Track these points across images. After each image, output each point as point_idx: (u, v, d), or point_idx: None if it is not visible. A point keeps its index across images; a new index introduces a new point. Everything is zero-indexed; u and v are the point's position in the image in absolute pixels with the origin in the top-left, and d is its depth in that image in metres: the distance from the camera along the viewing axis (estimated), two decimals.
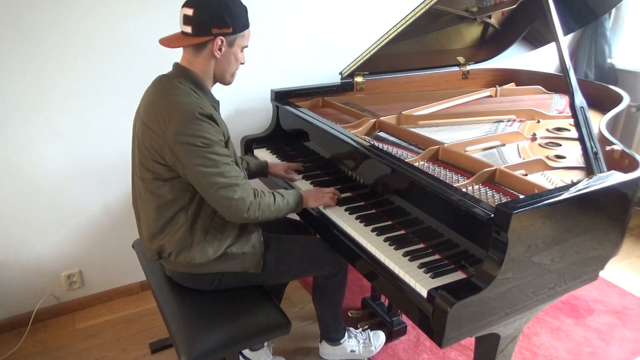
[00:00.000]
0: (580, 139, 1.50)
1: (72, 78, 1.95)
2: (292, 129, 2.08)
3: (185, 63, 1.41)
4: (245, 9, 1.40)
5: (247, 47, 1.45)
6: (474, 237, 1.25)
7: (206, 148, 1.30)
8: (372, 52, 2.00)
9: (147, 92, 1.45)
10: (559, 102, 2.20)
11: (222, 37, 1.35)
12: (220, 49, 1.37)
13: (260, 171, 1.86)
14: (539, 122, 1.93)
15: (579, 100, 1.56)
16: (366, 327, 2.03)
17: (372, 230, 1.47)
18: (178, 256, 1.45)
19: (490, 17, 2.19)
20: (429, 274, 1.24)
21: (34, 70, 1.88)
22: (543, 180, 1.44)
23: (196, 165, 1.30)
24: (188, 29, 1.35)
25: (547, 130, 1.85)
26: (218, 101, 1.48)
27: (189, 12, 1.33)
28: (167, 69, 1.45)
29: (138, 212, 1.53)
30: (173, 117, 1.29)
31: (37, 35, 1.84)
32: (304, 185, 1.80)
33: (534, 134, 1.78)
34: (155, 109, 1.34)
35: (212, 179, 1.31)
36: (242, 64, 1.47)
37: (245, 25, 1.40)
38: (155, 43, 1.43)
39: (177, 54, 1.44)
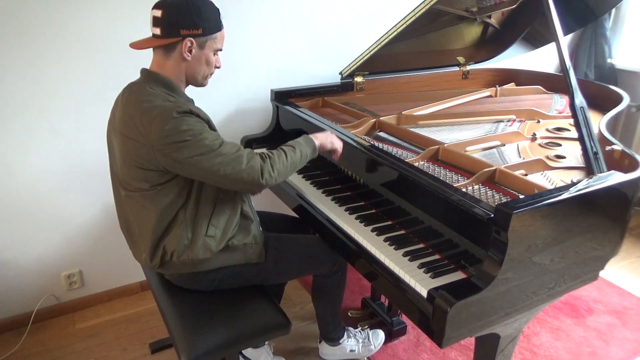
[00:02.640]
0: (580, 139, 1.50)
1: (71, 78, 1.95)
2: (292, 129, 2.08)
3: (156, 66, 1.38)
4: (217, 11, 1.38)
5: (221, 50, 1.42)
6: (474, 237, 1.25)
7: (194, 139, 1.28)
8: (372, 52, 2.00)
9: (117, 102, 1.42)
10: (559, 102, 2.19)
11: (191, 39, 1.32)
12: (190, 51, 1.34)
13: None
14: (539, 122, 1.93)
15: (579, 100, 1.56)
16: (366, 326, 2.04)
17: (372, 230, 1.47)
18: (181, 255, 1.43)
19: (490, 17, 2.19)
20: (429, 274, 1.24)
21: (33, 71, 1.88)
22: (543, 180, 1.44)
23: (193, 156, 1.28)
24: (157, 31, 1.33)
25: (547, 130, 1.85)
26: (192, 100, 1.46)
27: (158, 13, 1.31)
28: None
29: (132, 229, 1.50)
30: (153, 122, 1.26)
31: (36, 36, 1.84)
32: (303, 184, 1.80)
33: (534, 134, 1.78)
34: (133, 118, 1.31)
35: (213, 162, 1.30)
36: (218, 67, 1.45)
37: (217, 28, 1.37)
38: None
39: None
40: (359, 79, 2.25)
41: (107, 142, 1.49)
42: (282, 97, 2.13)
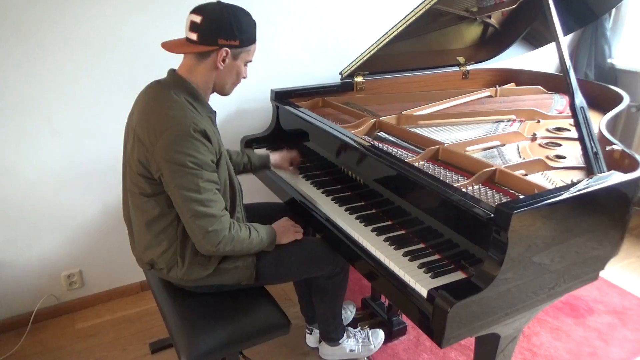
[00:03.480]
0: (580, 139, 1.50)
1: (71, 78, 1.95)
2: (292, 129, 2.08)
3: (184, 71, 1.37)
4: (254, 24, 1.38)
5: (251, 62, 1.43)
6: (474, 237, 1.25)
7: (193, 170, 1.25)
8: (372, 52, 2.00)
9: (139, 100, 1.41)
10: (559, 102, 2.20)
11: (227, 49, 1.32)
12: (224, 61, 1.34)
13: (263, 165, 1.85)
14: (539, 122, 1.93)
15: (579, 100, 1.56)
16: (365, 326, 2.03)
17: (372, 230, 1.47)
18: (170, 272, 1.44)
19: (490, 17, 2.19)
20: (429, 274, 1.24)
21: (33, 70, 1.88)
22: (543, 180, 1.44)
23: (177, 186, 1.26)
24: (193, 36, 1.31)
25: (547, 130, 1.85)
26: (215, 112, 1.45)
27: (197, 19, 1.30)
28: (168, 69, 1.43)
29: (130, 224, 1.51)
30: (165, 132, 1.25)
31: (36, 35, 1.84)
32: (303, 184, 1.80)
33: (534, 134, 1.78)
34: (148, 122, 1.30)
35: (190, 205, 1.27)
36: (244, 78, 1.45)
37: (252, 40, 1.38)
38: (155, 43, 1.42)
39: (177, 55, 1.43)
40: (359, 79, 2.25)
41: (124, 135, 1.47)
42: (282, 97, 2.13)
